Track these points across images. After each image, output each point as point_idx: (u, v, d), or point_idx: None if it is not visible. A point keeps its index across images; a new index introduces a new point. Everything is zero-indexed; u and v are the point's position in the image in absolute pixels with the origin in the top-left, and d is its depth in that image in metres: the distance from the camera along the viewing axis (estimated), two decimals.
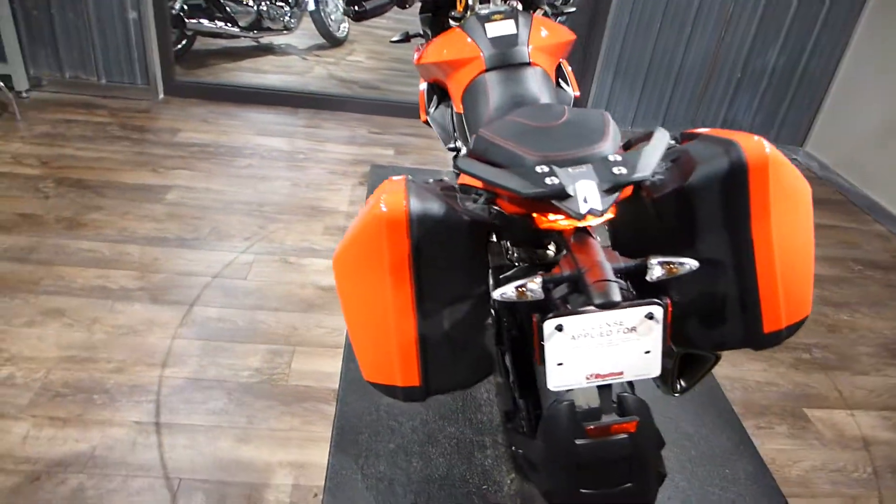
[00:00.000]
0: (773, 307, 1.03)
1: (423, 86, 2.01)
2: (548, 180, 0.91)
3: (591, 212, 0.90)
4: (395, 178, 1.04)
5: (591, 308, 0.92)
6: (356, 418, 1.67)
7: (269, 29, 4.61)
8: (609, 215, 1.03)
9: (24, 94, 3.48)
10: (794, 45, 3.59)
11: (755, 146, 0.99)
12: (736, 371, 2.17)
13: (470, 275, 1.04)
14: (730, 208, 1.00)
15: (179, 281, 2.26)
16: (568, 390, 1.07)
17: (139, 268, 2.30)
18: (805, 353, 2.30)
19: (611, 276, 0.89)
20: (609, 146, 1.01)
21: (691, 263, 0.94)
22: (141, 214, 2.61)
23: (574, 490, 1.07)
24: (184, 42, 4.32)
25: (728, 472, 1.66)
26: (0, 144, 3.00)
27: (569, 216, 0.92)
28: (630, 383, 1.15)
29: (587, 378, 0.97)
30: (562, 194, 0.89)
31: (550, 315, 0.92)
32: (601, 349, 0.95)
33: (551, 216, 1.01)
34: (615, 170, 0.91)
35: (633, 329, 0.94)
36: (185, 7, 4.17)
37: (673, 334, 1.15)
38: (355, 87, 4.28)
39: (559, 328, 0.92)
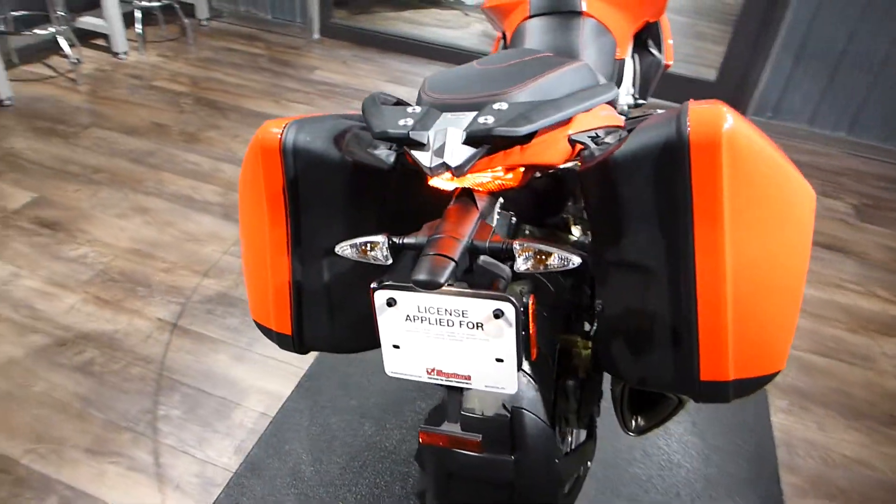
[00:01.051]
0: (716, 347, 0.75)
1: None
2: (401, 121, 0.74)
3: (444, 166, 0.71)
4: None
5: None
6: (333, 366, 1.63)
7: None
8: (498, 181, 0.82)
9: (204, 23, 3.89)
10: None
11: (708, 115, 0.70)
12: (822, 436, 1.72)
13: (355, 227, 0.90)
14: (664, 199, 0.73)
15: None
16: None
17: (225, 185, 2.47)
18: None
19: (453, 251, 0.70)
20: (523, 94, 0.79)
21: (571, 259, 0.71)
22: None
23: (445, 498, 0.92)
24: None
25: None
26: (166, 63, 3.40)
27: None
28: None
29: (428, 372, 0.79)
30: (408, 140, 0.72)
31: (383, 284, 0.76)
32: (443, 342, 0.77)
33: None
34: (482, 119, 0.71)
35: (480, 326, 0.74)
36: None
37: (597, 355, 0.91)
38: None
39: (391, 303, 0.76)
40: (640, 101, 1.66)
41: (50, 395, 1.59)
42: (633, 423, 1.03)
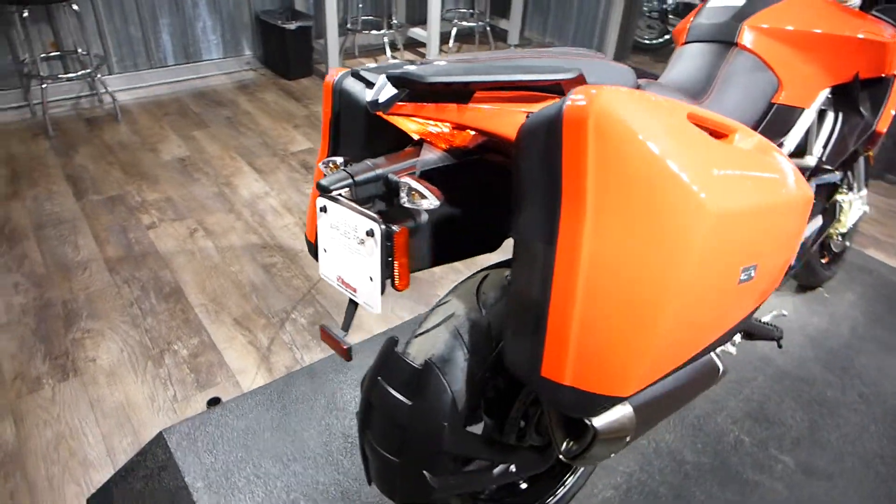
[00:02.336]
0: (559, 344, 0.72)
1: None
2: (369, 65, 0.86)
3: (375, 102, 0.81)
4: None
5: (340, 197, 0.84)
6: None
7: None
8: (444, 135, 0.87)
9: (513, 48, 4.36)
10: None
11: (586, 93, 0.68)
12: None
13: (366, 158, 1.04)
14: (546, 176, 0.72)
15: None
16: (423, 331, 0.99)
17: None
18: None
19: (359, 173, 0.81)
20: (494, 63, 0.83)
21: (430, 199, 0.74)
22: None
23: (364, 424, 1.01)
24: (666, 37, 4.47)
25: None
26: None
27: None
28: None
29: (337, 279, 0.89)
30: (360, 77, 0.84)
31: (323, 193, 0.89)
32: (346, 253, 0.86)
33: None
34: (408, 67, 0.79)
35: (363, 243, 0.81)
36: (676, 5, 4.29)
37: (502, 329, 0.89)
38: None
39: (323, 209, 0.88)
40: (827, 167, 1.39)
41: (237, 275, 2.07)
42: (566, 446, 0.94)
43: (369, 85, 0.85)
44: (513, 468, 1.02)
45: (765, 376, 1.66)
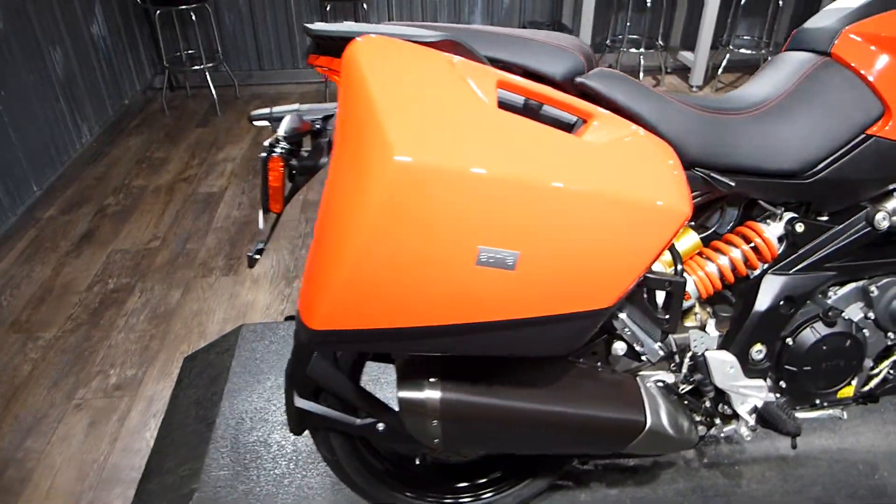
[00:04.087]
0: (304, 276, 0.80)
1: None
2: None
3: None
4: None
5: None
6: None
7: None
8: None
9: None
10: None
11: (362, 37, 0.73)
12: None
13: None
14: None
15: None
16: None
17: None
18: None
19: (279, 109, 0.94)
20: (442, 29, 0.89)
21: (280, 129, 0.84)
22: None
23: None
24: None
25: None
26: None
27: None
28: None
29: None
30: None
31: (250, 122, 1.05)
32: None
33: None
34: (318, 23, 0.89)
35: None
36: None
37: None
38: None
39: None
40: None
41: None
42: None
43: None
44: (380, 426, 1.02)
45: None
